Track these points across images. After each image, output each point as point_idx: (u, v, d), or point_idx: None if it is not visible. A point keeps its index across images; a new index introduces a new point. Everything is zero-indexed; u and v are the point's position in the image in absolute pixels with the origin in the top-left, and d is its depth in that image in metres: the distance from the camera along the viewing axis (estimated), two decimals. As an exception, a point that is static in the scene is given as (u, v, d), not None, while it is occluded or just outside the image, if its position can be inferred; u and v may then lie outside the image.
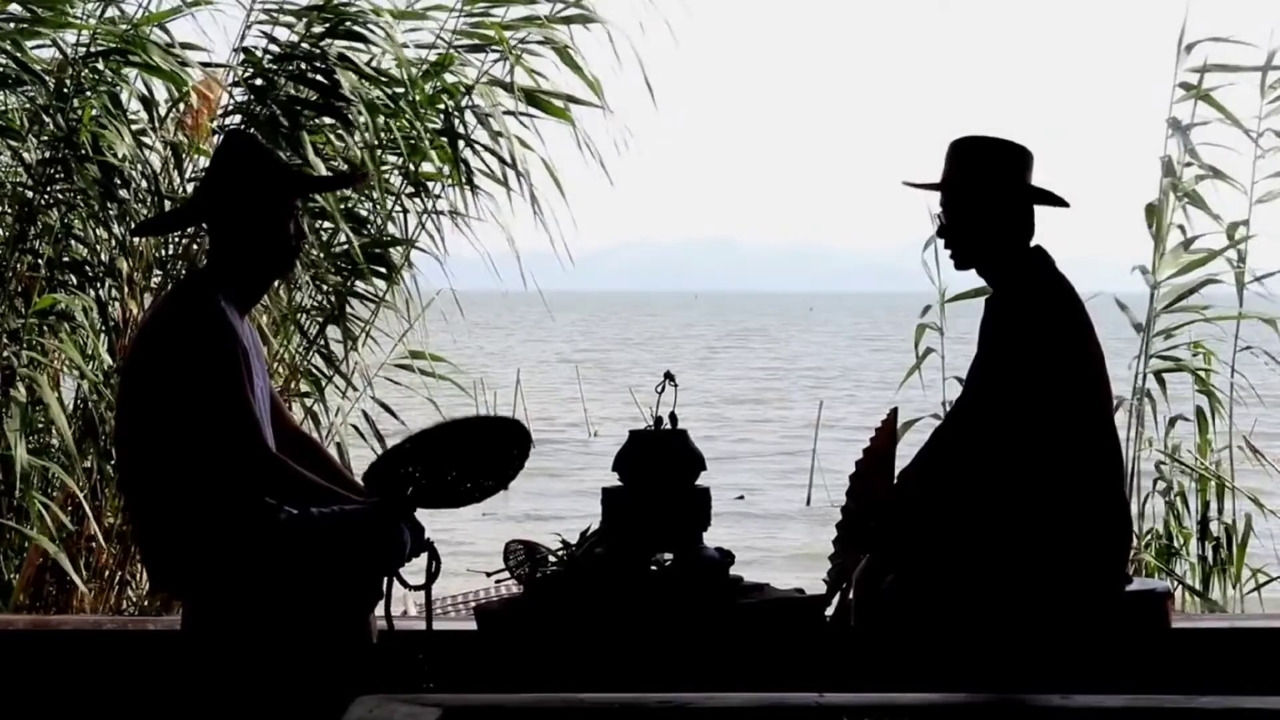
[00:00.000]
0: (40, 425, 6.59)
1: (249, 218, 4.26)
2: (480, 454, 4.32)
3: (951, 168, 4.43)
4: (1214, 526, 7.64)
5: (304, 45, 6.86)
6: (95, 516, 6.44)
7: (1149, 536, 7.54)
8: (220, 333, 4.14)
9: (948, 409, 5.69)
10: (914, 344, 7.84)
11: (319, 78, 6.82)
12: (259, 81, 6.89)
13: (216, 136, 6.86)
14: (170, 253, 6.86)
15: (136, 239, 6.66)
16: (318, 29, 6.89)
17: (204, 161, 6.85)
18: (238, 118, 6.89)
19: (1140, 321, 7.61)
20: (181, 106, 6.93)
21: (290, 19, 6.94)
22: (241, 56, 6.95)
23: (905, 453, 4.53)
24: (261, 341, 4.87)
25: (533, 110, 7.15)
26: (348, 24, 6.90)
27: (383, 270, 7.08)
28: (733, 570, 4.46)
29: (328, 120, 6.88)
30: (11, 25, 6.63)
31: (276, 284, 6.26)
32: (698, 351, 54.95)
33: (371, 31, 6.91)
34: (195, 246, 6.79)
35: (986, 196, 4.37)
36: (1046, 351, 4.28)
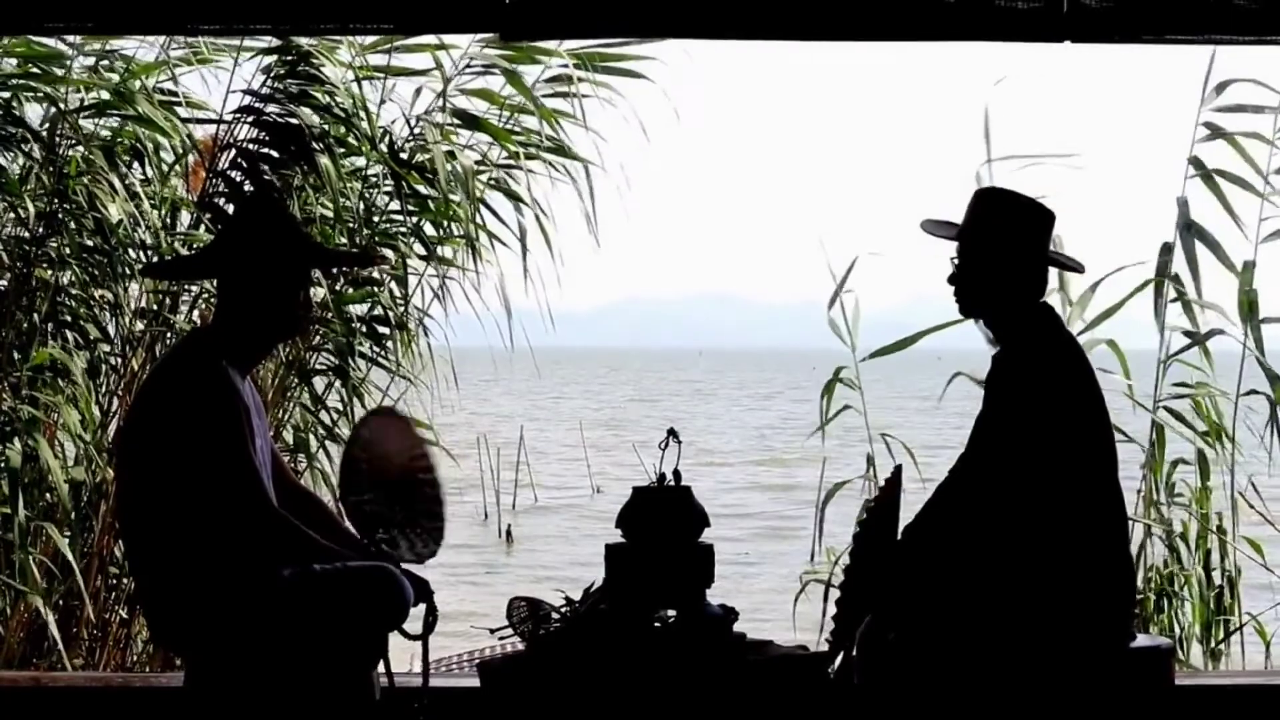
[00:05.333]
0: (34, 482, 6.53)
1: (264, 283, 4.26)
2: (392, 467, 4.48)
3: (971, 217, 4.44)
4: (1215, 576, 7.62)
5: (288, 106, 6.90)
6: (85, 579, 6.40)
7: (1151, 578, 7.50)
8: (221, 391, 4.13)
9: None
10: (820, 402, 7.84)
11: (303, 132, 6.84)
12: (253, 136, 6.92)
13: (219, 197, 6.89)
14: (167, 306, 6.85)
15: (131, 295, 6.65)
16: (292, 86, 6.94)
17: (195, 214, 6.87)
18: (236, 174, 6.91)
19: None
20: (185, 162, 6.93)
21: (274, 81, 6.97)
22: (236, 113, 6.96)
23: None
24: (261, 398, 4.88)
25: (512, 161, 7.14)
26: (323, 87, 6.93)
27: (387, 331, 7.09)
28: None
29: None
30: (6, 83, 6.65)
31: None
32: (708, 407, 54.85)
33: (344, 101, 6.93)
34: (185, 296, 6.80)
35: (1000, 252, 4.39)
36: (1051, 410, 4.27)
